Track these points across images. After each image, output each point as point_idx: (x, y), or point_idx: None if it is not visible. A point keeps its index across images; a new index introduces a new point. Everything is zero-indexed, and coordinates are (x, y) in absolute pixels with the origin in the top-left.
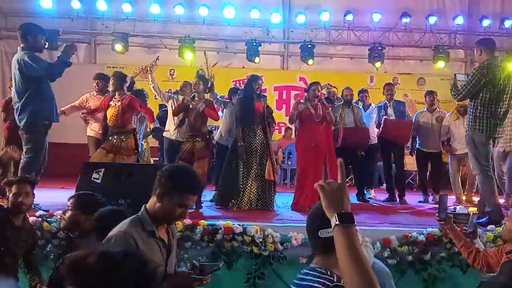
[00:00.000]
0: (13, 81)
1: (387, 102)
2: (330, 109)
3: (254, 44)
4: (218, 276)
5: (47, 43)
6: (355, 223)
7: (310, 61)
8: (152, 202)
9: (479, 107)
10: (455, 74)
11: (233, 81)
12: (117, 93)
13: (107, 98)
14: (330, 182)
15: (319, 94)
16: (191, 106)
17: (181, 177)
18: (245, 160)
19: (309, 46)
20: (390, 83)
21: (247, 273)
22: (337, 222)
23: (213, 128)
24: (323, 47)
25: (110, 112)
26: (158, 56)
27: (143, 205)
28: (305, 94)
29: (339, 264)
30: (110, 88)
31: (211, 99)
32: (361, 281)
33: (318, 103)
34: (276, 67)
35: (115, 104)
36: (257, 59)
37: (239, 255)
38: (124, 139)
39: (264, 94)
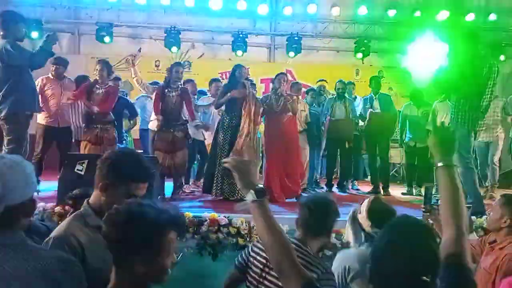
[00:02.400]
0: None
1: (373, 95)
2: (292, 100)
3: (241, 36)
4: (203, 268)
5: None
6: None
7: (297, 54)
8: (96, 196)
9: (462, 100)
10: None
11: (219, 73)
12: (100, 81)
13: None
14: (238, 158)
15: (284, 85)
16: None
17: (125, 164)
18: (222, 146)
19: (296, 38)
20: (376, 76)
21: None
22: (255, 198)
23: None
24: (309, 39)
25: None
26: (140, 48)
27: (86, 200)
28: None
29: (259, 235)
30: (100, 75)
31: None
32: (277, 246)
33: (281, 92)
34: (262, 59)
35: (100, 92)
36: (243, 51)
37: (224, 247)
38: (107, 129)
39: (251, 79)
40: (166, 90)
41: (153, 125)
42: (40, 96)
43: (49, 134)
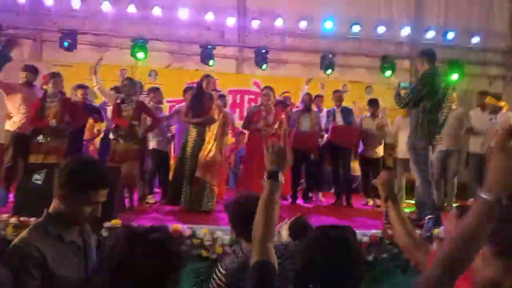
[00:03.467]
0: None
1: (336, 109)
2: (283, 115)
3: (209, 47)
4: None
5: None
6: None
7: (264, 66)
8: (55, 205)
9: (420, 115)
10: (399, 83)
11: (186, 84)
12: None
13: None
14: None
15: (272, 98)
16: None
17: (83, 173)
18: (189, 158)
19: (263, 51)
20: (339, 90)
21: (195, 276)
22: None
23: None
24: (277, 52)
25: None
26: (102, 57)
27: (45, 209)
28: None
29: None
30: (51, 89)
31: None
32: (263, 219)
33: (272, 107)
34: (230, 71)
35: (53, 105)
36: (211, 62)
37: (187, 259)
38: (58, 141)
39: (222, 92)
40: (122, 106)
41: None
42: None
43: (18, 141)
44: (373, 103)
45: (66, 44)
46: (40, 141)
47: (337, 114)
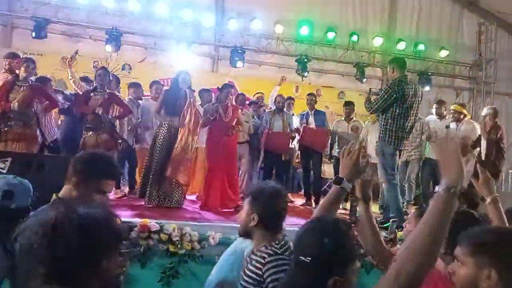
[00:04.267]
0: None
1: (309, 111)
2: (240, 111)
3: (184, 43)
4: (132, 275)
5: None
6: None
7: (240, 64)
8: (66, 191)
9: (389, 121)
10: (370, 89)
11: (160, 79)
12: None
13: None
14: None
15: (231, 97)
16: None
17: (98, 163)
18: (159, 152)
19: (239, 51)
20: (312, 93)
21: (161, 272)
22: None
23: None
24: (252, 53)
25: (14, 97)
26: (77, 50)
27: (54, 194)
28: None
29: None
30: (23, 73)
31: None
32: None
33: (229, 105)
34: (206, 69)
35: (21, 89)
36: (186, 59)
37: (154, 254)
38: (29, 127)
39: (192, 88)
40: (92, 94)
41: None
42: None
43: None
44: (349, 105)
45: (37, 32)
46: (5, 128)
47: (310, 117)
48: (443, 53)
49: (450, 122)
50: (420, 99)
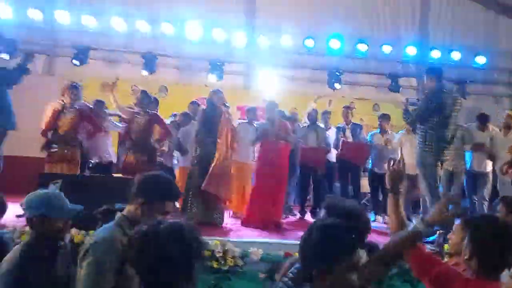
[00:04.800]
0: None
1: (346, 125)
2: (290, 128)
3: (218, 63)
4: None
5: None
6: None
7: (272, 80)
8: (131, 209)
9: (429, 131)
10: (407, 99)
11: (195, 99)
12: (72, 103)
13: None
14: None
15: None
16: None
17: (162, 185)
18: (200, 171)
19: (271, 67)
20: (348, 106)
21: None
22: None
23: None
24: (284, 69)
25: (63, 121)
26: (118, 77)
27: (118, 212)
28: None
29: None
30: (68, 99)
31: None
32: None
33: (277, 122)
34: (239, 87)
35: (69, 115)
36: (220, 78)
37: (197, 270)
38: (72, 150)
39: (227, 104)
40: (135, 115)
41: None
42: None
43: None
44: (385, 118)
45: (78, 59)
46: (53, 150)
47: (347, 130)
48: (480, 60)
49: (493, 132)
50: (459, 107)
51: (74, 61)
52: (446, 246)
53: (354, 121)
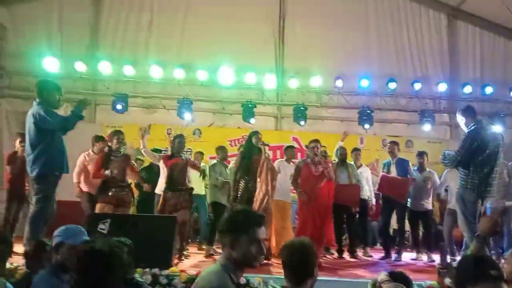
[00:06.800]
0: (26, 134)
1: (391, 160)
2: (330, 165)
3: (250, 105)
4: None
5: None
6: None
7: (302, 122)
8: (226, 253)
9: (471, 167)
10: (443, 152)
11: (228, 140)
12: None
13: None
14: None
15: (319, 151)
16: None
17: (236, 217)
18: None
19: (302, 108)
20: (394, 141)
21: None
22: None
23: None
24: (314, 109)
25: (113, 165)
26: (150, 124)
27: (220, 263)
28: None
29: None
30: (115, 145)
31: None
32: None
33: (318, 159)
34: (270, 127)
35: (117, 159)
36: (252, 120)
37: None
38: (124, 192)
39: (267, 143)
40: (172, 157)
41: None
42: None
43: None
44: (422, 155)
45: (118, 106)
46: (110, 193)
47: (392, 165)
48: None
49: None
50: (501, 141)
51: (118, 108)
52: None
53: (386, 159)
